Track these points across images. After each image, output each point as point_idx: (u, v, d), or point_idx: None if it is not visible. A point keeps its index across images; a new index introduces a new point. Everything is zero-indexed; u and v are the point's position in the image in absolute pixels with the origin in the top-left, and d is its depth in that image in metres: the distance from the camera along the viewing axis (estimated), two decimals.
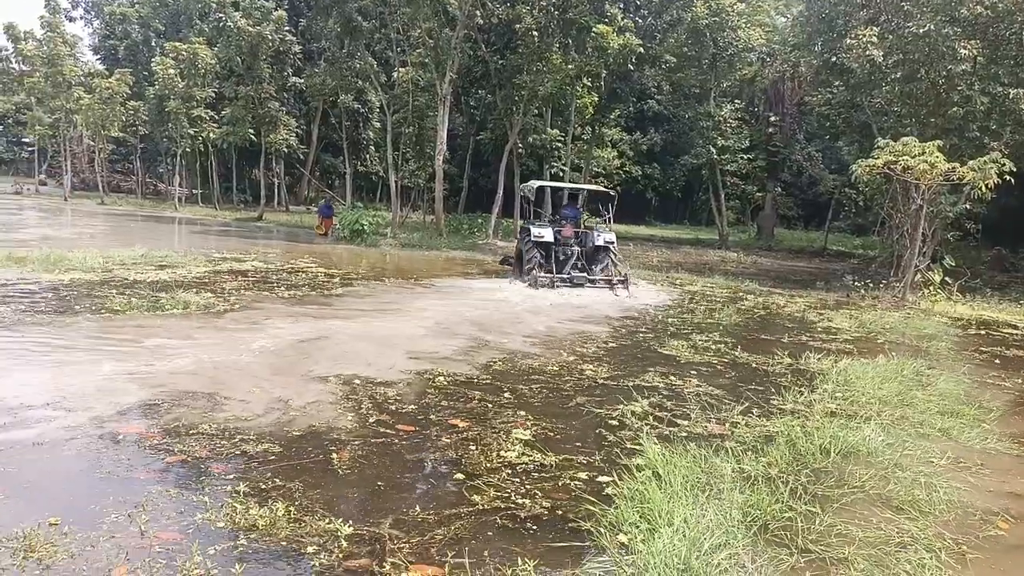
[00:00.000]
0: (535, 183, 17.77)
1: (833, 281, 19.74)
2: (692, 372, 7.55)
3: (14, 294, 9.78)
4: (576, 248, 15.43)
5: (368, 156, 45.43)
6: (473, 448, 4.82)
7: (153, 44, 49.51)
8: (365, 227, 24.97)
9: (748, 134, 40.20)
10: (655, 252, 27.89)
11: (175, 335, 7.75)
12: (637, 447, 4.87)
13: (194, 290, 10.67)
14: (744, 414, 5.97)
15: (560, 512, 3.93)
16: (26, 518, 3.43)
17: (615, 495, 4.06)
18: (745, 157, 40.61)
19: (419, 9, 26.30)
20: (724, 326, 10.96)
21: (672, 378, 7.21)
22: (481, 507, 3.93)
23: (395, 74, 31.78)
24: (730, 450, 4.77)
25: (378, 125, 40.29)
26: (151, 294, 10.09)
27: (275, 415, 5.27)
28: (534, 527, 3.75)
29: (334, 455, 4.53)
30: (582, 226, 16.59)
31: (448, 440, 4.98)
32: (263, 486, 4.00)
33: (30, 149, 55.92)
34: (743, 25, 30.40)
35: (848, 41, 20.34)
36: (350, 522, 3.59)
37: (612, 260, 15.54)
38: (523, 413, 5.68)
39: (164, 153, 46.03)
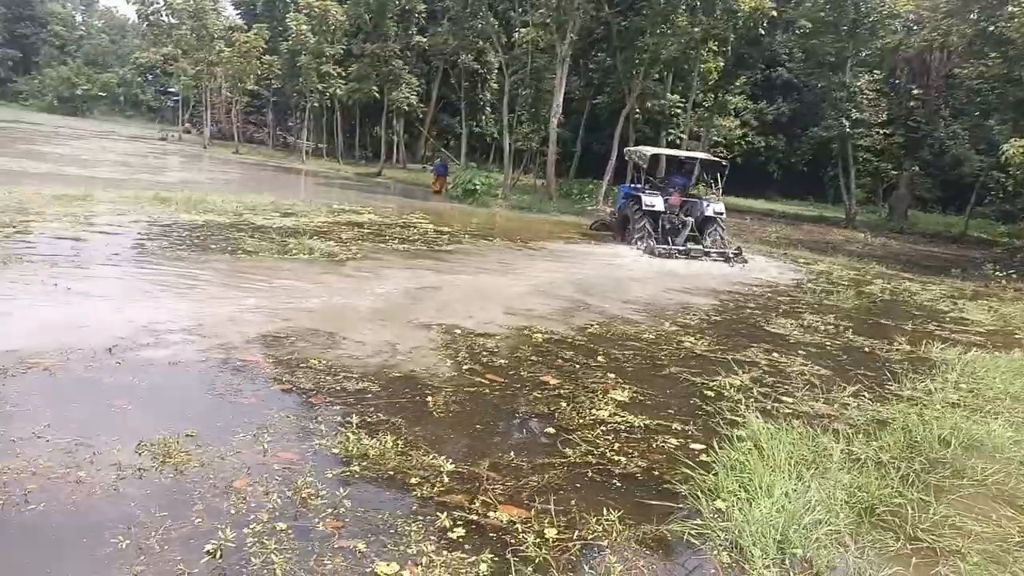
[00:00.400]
0: (648, 150, 17.40)
1: (971, 269, 18.13)
2: (800, 352, 7.24)
3: (159, 231, 10.76)
4: (688, 219, 15.06)
5: (484, 117, 45.77)
6: (565, 404, 4.90)
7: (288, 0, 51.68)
8: (478, 187, 25.34)
9: (886, 107, 37.01)
10: (774, 227, 26.59)
11: (302, 278, 8.31)
12: (737, 419, 4.78)
13: (317, 238, 11.31)
14: (855, 397, 5.70)
15: (656, 472, 3.95)
16: (161, 428, 3.80)
17: (713, 462, 4.03)
18: (881, 132, 37.49)
19: None
20: (841, 308, 10.38)
21: (776, 355, 6.96)
22: (573, 460, 4.02)
23: (515, 35, 31.64)
24: (838, 431, 4.59)
25: (495, 86, 40.41)
26: (279, 239, 10.79)
27: (383, 357, 5.58)
28: (624, 484, 3.80)
29: (430, 398, 4.74)
30: (689, 194, 16.11)
31: (540, 395, 5.09)
32: (370, 420, 4.26)
33: (175, 99, 60.34)
34: None
35: (1010, 8, 18.32)
36: (451, 460, 3.78)
37: (720, 231, 15.11)
38: (613, 376, 5.70)
39: (294, 107, 48.35)
